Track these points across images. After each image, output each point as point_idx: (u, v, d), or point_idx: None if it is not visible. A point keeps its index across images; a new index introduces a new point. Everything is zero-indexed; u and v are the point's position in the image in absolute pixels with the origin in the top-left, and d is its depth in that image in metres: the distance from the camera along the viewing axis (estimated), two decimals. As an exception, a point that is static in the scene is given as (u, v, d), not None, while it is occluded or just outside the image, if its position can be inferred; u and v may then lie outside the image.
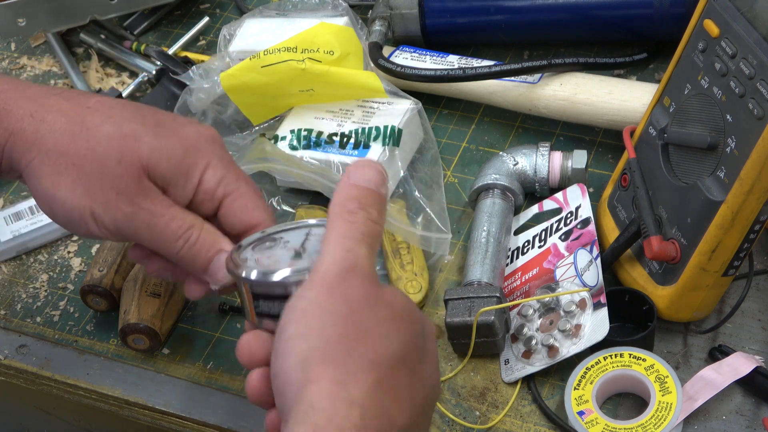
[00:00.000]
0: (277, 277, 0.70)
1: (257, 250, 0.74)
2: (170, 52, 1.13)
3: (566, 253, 0.90)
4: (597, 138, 1.02)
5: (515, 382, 0.86)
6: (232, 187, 0.79)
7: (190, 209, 0.79)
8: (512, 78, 1.00)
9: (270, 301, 0.71)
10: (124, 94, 1.09)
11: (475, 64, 1.02)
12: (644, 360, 0.83)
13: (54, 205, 0.78)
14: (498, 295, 0.86)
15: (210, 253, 0.78)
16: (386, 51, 1.06)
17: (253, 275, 0.71)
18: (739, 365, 0.82)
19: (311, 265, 0.67)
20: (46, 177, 0.77)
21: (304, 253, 0.72)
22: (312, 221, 0.75)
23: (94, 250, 1.00)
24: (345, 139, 0.97)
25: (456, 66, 1.02)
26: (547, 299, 0.87)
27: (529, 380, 0.86)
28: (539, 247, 0.92)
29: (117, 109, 0.79)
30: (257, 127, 1.03)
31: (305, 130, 0.98)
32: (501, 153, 0.97)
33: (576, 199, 0.93)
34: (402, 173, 0.96)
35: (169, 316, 0.91)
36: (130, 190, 0.76)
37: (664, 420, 0.79)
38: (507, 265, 0.93)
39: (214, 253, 0.78)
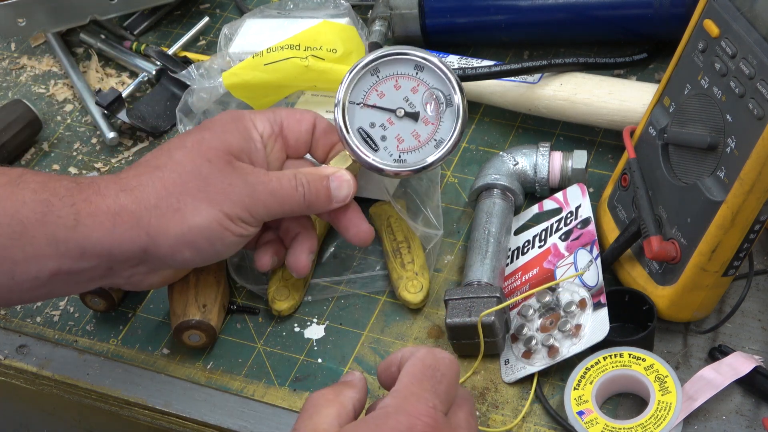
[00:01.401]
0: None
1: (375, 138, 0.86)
2: (170, 52, 1.13)
3: (566, 253, 0.90)
4: (597, 138, 1.02)
5: (515, 383, 0.86)
6: (278, 117, 0.88)
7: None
8: (512, 78, 1.00)
9: None
10: (124, 95, 1.09)
11: (475, 64, 1.02)
12: (644, 360, 0.83)
13: (194, 239, 0.82)
14: (498, 295, 0.86)
15: (324, 183, 0.86)
16: (386, 51, 1.06)
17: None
18: (738, 365, 0.82)
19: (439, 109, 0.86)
20: (171, 222, 0.81)
21: (418, 107, 0.86)
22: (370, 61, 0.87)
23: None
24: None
25: (456, 66, 1.02)
26: (547, 299, 0.87)
27: (531, 380, 0.86)
28: (539, 247, 0.92)
29: (167, 144, 0.85)
30: None
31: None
32: (501, 153, 0.97)
33: (576, 199, 0.93)
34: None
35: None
36: (233, 175, 0.83)
37: (664, 420, 0.79)
38: (507, 265, 0.93)
39: (326, 182, 0.86)
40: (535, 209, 0.96)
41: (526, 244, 0.94)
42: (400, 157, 0.87)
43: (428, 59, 0.86)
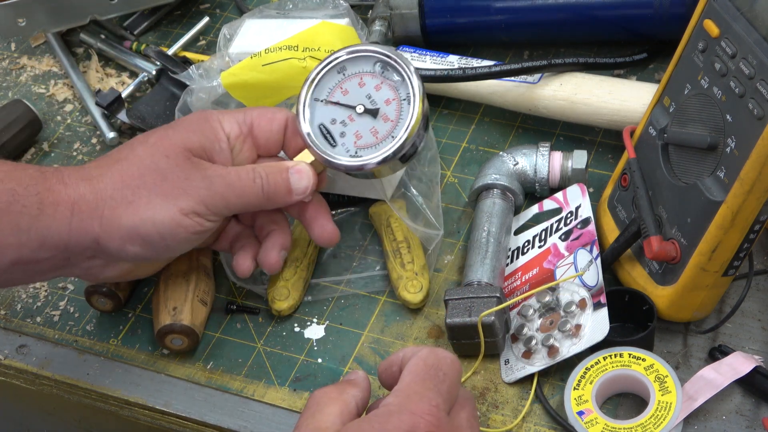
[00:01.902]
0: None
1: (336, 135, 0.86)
2: (170, 52, 1.13)
3: (566, 253, 0.90)
4: (597, 138, 1.02)
5: (515, 383, 0.86)
6: (248, 117, 0.88)
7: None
8: (512, 78, 1.00)
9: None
10: (123, 95, 1.09)
11: (475, 64, 1.02)
12: (644, 360, 0.83)
13: (146, 232, 0.82)
14: (498, 295, 0.86)
15: (283, 175, 0.85)
16: (386, 51, 1.06)
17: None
18: (738, 365, 0.82)
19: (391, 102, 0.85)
20: (123, 214, 0.81)
21: (379, 104, 0.86)
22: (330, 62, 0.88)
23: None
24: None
25: (456, 66, 1.02)
26: (547, 299, 0.87)
27: (531, 380, 0.86)
28: (539, 247, 0.92)
29: (134, 139, 0.86)
30: None
31: None
32: (501, 153, 0.97)
33: (576, 199, 0.93)
34: (401, 172, 0.96)
35: (205, 326, 0.92)
36: (191, 170, 0.83)
37: (664, 420, 0.79)
38: (507, 265, 0.93)
39: (285, 173, 0.85)
40: (535, 209, 0.96)
41: (526, 244, 0.94)
42: (356, 153, 0.87)
43: (391, 57, 0.86)
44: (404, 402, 0.70)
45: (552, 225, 0.93)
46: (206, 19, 1.18)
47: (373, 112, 0.86)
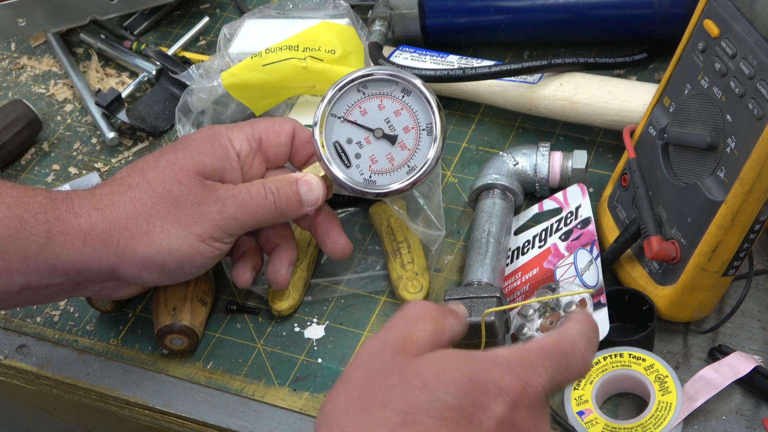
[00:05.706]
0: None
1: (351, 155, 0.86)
2: (170, 52, 1.13)
3: (566, 253, 0.90)
4: (597, 138, 1.02)
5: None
6: (256, 131, 0.87)
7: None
8: (512, 78, 1.00)
9: None
10: (123, 95, 1.09)
11: (475, 64, 1.02)
12: (644, 360, 0.83)
13: (162, 261, 0.82)
14: (498, 295, 0.86)
15: (294, 187, 0.85)
16: (386, 51, 1.06)
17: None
18: (738, 365, 0.82)
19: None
20: (139, 244, 0.81)
21: (398, 131, 0.85)
22: None
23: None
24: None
25: (456, 66, 1.02)
26: (547, 299, 0.87)
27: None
28: (539, 247, 0.92)
29: (142, 162, 0.85)
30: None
31: (307, 126, 0.98)
32: (501, 153, 0.97)
33: (576, 199, 0.93)
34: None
35: (204, 326, 0.92)
36: (204, 194, 0.82)
37: (664, 420, 0.79)
38: (507, 265, 0.93)
39: (295, 186, 0.85)
40: (535, 209, 0.96)
41: (526, 244, 0.94)
42: (370, 177, 0.87)
43: (416, 85, 0.85)
44: (515, 361, 0.64)
45: (552, 225, 0.93)
46: (206, 19, 1.18)
47: (391, 139, 0.86)
